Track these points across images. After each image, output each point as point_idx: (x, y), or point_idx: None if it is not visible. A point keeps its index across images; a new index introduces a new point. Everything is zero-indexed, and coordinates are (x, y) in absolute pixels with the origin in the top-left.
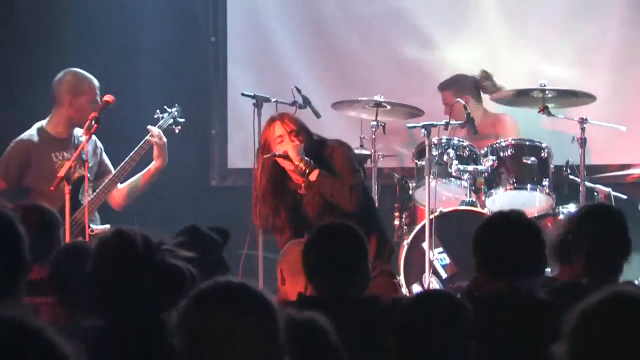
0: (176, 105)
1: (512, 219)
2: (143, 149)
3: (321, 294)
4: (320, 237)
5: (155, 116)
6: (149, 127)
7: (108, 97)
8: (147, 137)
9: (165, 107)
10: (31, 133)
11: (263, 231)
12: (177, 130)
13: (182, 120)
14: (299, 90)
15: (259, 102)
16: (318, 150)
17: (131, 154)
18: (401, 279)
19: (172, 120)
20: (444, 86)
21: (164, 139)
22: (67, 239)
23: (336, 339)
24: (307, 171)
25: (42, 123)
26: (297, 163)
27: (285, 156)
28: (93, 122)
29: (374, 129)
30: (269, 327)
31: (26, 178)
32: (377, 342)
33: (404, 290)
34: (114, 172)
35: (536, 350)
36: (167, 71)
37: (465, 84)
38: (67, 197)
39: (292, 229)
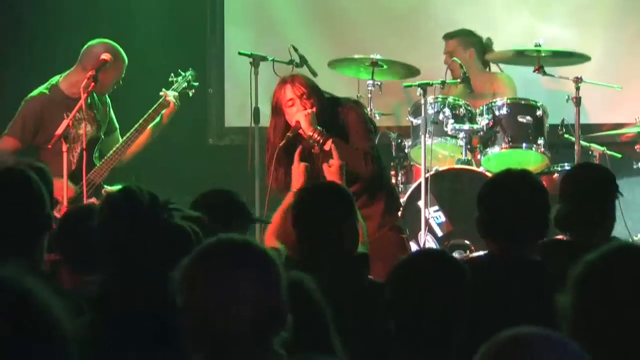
0: (190, 69)
1: (519, 181)
2: (157, 112)
3: (308, 253)
4: (307, 196)
5: (170, 79)
6: (164, 91)
7: (105, 56)
8: (162, 100)
9: (179, 70)
10: (43, 90)
11: (278, 192)
12: (190, 94)
13: (196, 84)
14: (295, 49)
15: (255, 61)
16: (332, 111)
17: (145, 116)
18: None
19: (186, 84)
20: (450, 35)
21: (178, 103)
22: (65, 198)
23: (320, 297)
24: (321, 141)
25: (57, 79)
26: (310, 134)
27: (298, 128)
28: (90, 81)
29: (370, 88)
30: (270, 282)
31: (38, 136)
32: (369, 302)
33: None
34: (123, 135)
35: (527, 311)
36: (164, 30)
37: (471, 38)
38: (65, 155)
39: None
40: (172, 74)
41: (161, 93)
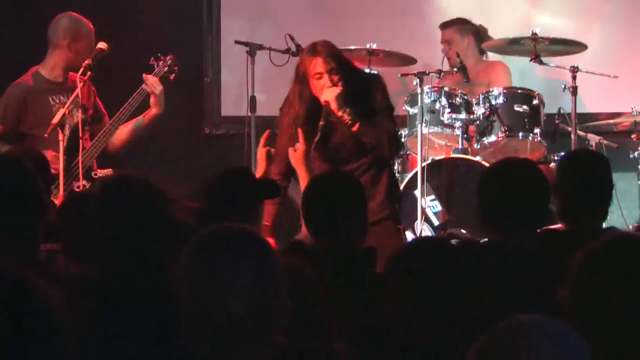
0: (170, 54)
1: (519, 171)
2: (141, 95)
3: (316, 242)
4: (318, 186)
5: (150, 63)
6: (145, 75)
7: (102, 45)
8: (143, 85)
9: (159, 55)
10: (26, 78)
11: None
12: (171, 78)
13: (176, 68)
14: (292, 38)
15: (252, 49)
16: (359, 83)
17: (129, 100)
18: None
19: (167, 68)
20: (447, 24)
21: (161, 87)
22: (61, 185)
23: (317, 283)
24: (350, 123)
25: (37, 67)
26: (339, 114)
27: (329, 110)
28: (87, 69)
29: None
30: (269, 275)
31: (23, 123)
32: (375, 294)
33: None
34: (110, 118)
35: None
36: (161, 19)
37: (468, 26)
38: (62, 143)
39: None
40: (152, 58)
41: (145, 78)
